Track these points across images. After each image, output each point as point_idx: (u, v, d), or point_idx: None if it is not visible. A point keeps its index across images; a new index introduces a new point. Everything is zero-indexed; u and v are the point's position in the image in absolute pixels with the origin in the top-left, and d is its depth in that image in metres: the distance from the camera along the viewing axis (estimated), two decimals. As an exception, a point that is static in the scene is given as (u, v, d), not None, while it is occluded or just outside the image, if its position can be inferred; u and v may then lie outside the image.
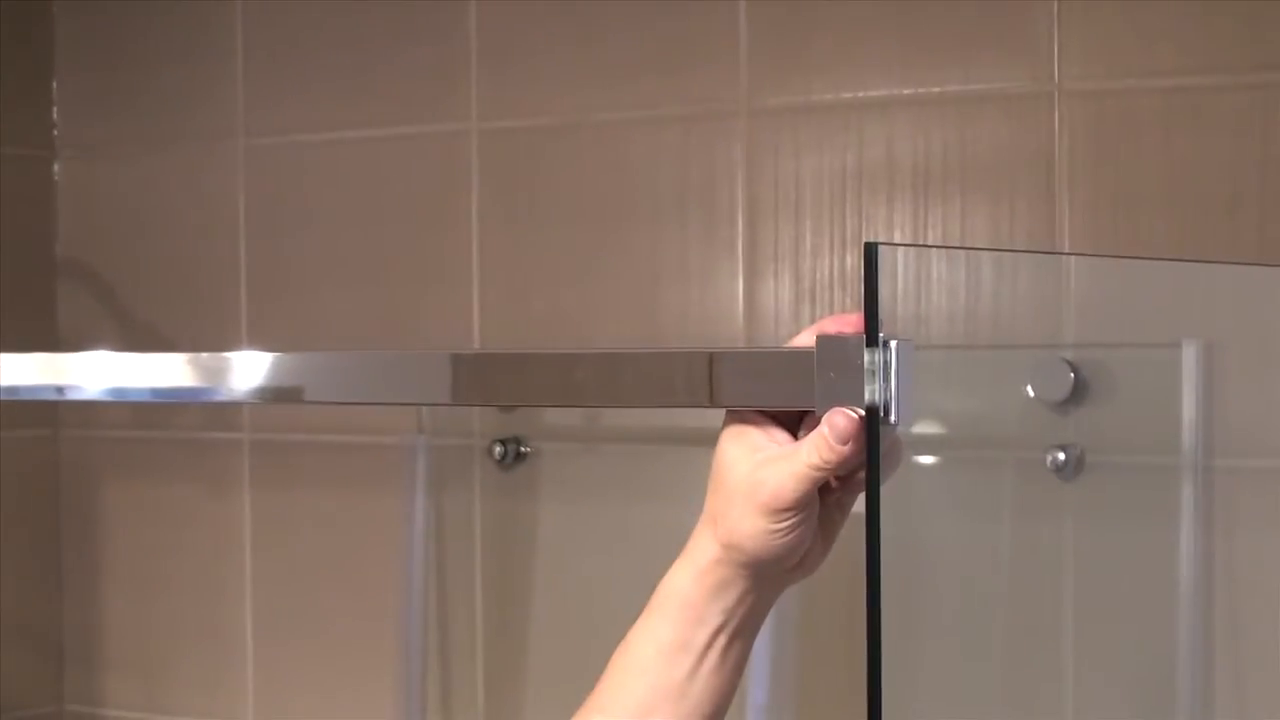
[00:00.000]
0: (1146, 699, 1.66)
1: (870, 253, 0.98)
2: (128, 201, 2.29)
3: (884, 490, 0.99)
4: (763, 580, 1.06)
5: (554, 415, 2.00)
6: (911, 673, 1.66)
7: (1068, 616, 1.69)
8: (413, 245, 2.08)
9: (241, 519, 2.21)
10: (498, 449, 2.00)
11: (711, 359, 1.07)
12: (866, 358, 0.99)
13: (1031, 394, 1.68)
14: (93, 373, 1.36)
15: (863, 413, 0.99)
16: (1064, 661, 1.69)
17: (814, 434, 1.01)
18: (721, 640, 1.06)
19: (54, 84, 2.32)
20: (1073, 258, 1.71)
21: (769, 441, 1.04)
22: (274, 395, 1.26)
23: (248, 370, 1.25)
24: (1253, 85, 1.64)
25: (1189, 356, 1.60)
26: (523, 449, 2.00)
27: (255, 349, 1.26)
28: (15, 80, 2.29)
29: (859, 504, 1.04)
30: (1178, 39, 1.67)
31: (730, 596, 1.06)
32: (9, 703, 2.30)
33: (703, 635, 1.06)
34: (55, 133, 2.33)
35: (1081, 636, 1.68)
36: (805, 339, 1.03)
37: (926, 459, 1.72)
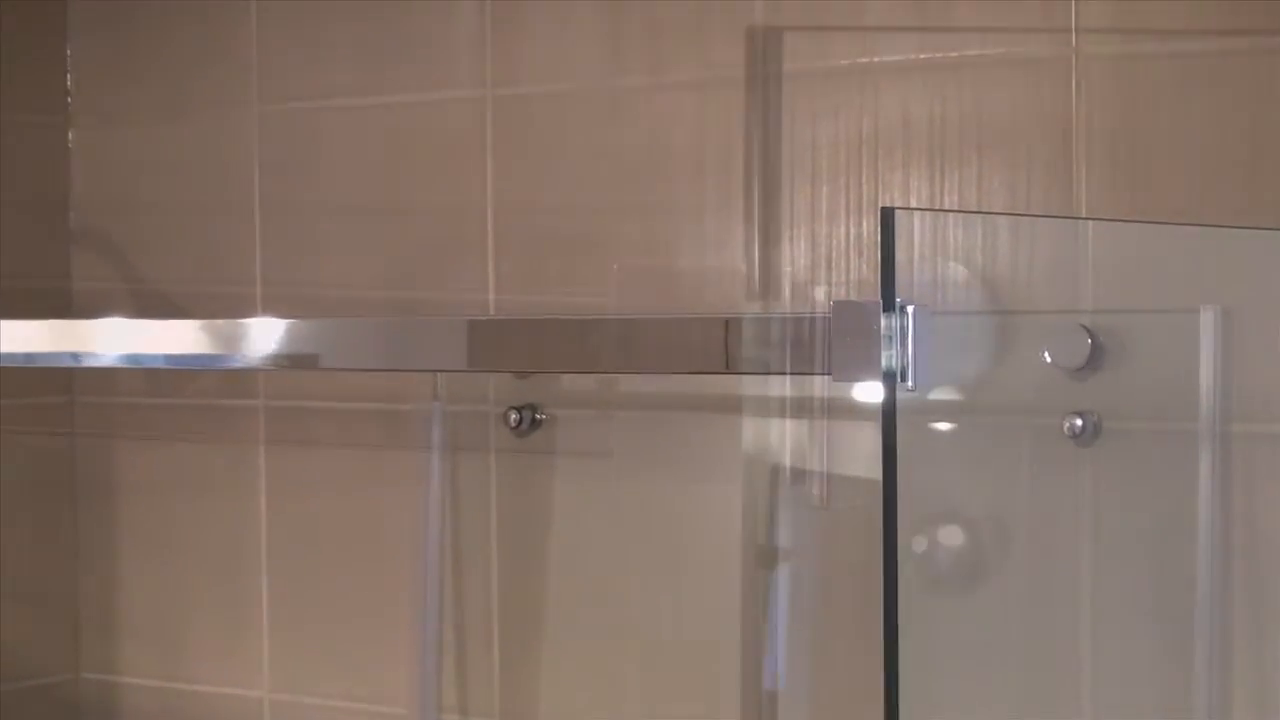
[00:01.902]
0: (1166, 665, 1.66)
1: (886, 218, 0.98)
2: (142, 168, 2.28)
3: (900, 457, 0.99)
4: None
5: (569, 381, 1.99)
6: (929, 639, 1.66)
7: (1086, 583, 1.69)
8: (428, 212, 2.08)
9: (257, 486, 2.21)
10: (513, 415, 1.99)
11: (727, 325, 1.07)
12: (883, 323, 0.98)
13: (1049, 360, 1.68)
14: (108, 339, 1.36)
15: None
16: (1082, 628, 1.69)
17: None
18: None
19: (67, 50, 2.32)
20: (1090, 222, 1.71)
21: None
22: (290, 362, 1.26)
23: (263, 337, 1.25)
24: (1271, 49, 1.63)
25: (1207, 321, 1.60)
26: (538, 415, 2.00)
27: (270, 316, 1.26)
28: (29, 47, 2.28)
29: (876, 469, 1.04)
30: (1196, 2, 1.66)
31: None
32: (25, 670, 2.30)
33: None
34: (69, 99, 2.32)
35: (1100, 602, 1.68)
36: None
37: (943, 425, 1.72)
